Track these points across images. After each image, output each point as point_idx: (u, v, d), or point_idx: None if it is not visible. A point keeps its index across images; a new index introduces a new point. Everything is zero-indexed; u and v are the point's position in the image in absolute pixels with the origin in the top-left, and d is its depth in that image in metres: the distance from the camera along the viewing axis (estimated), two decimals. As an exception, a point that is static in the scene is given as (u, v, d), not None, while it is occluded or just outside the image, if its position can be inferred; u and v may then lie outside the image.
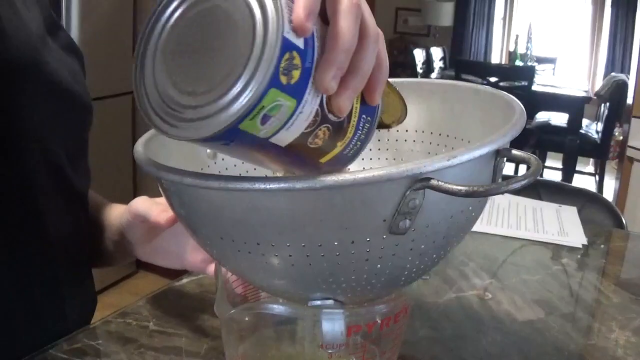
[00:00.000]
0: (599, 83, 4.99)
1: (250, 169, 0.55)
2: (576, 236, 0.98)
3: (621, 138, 3.35)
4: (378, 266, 0.41)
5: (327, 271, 0.40)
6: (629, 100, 3.06)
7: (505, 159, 0.41)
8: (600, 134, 3.90)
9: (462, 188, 0.35)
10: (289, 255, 0.40)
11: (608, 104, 3.90)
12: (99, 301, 0.74)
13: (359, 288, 0.43)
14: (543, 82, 4.41)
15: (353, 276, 0.41)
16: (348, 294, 0.44)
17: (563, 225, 1.02)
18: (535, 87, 4.07)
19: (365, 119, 0.41)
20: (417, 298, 0.75)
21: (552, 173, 4.15)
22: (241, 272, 0.47)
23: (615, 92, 3.83)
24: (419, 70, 4.82)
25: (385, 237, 0.38)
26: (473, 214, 0.44)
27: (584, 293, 0.81)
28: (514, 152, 0.40)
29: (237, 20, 0.33)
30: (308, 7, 0.32)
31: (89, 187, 0.71)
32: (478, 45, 5.62)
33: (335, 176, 0.35)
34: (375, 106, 0.41)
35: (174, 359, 0.60)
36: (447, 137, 0.57)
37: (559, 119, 4.06)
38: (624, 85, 3.73)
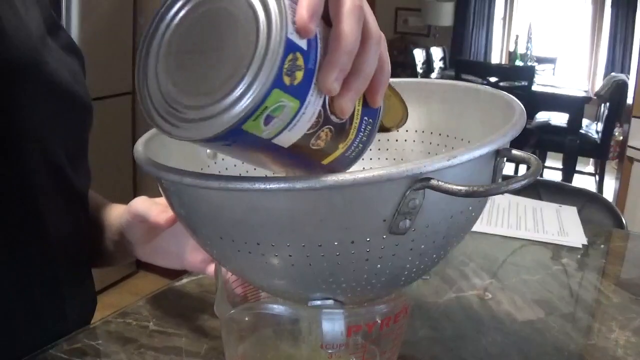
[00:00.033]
0: (599, 83, 4.99)
1: (250, 169, 0.55)
2: (576, 236, 0.98)
3: (621, 138, 3.35)
4: (378, 266, 0.41)
5: (327, 271, 0.40)
6: (629, 100, 3.06)
7: (505, 159, 0.41)
8: (600, 134, 3.90)
9: (462, 188, 0.36)
10: (289, 255, 0.40)
11: (608, 104, 3.90)
12: (99, 301, 0.74)
13: (359, 288, 0.43)
14: (543, 82, 4.41)
15: (353, 276, 0.41)
16: (348, 294, 0.44)
17: (563, 225, 1.02)
18: (535, 87, 4.07)
19: (367, 121, 0.41)
20: (417, 298, 0.75)
21: (552, 173, 4.15)
22: (241, 272, 0.47)
23: (615, 92, 3.83)
24: (419, 70, 4.82)
25: (385, 237, 0.38)
26: (473, 214, 0.44)
27: (584, 293, 0.81)
28: (514, 152, 0.40)
29: (241, 21, 0.33)
30: (311, 9, 0.32)
31: (89, 187, 0.71)
32: (478, 45, 5.62)
33: (335, 176, 0.35)
34: (377, 108, 0.41)
35: (174, 359, 0.60)
36: (447, 137, 0.57)
37: (559, 119, 4.06)
38: (624, 85, 3.74)
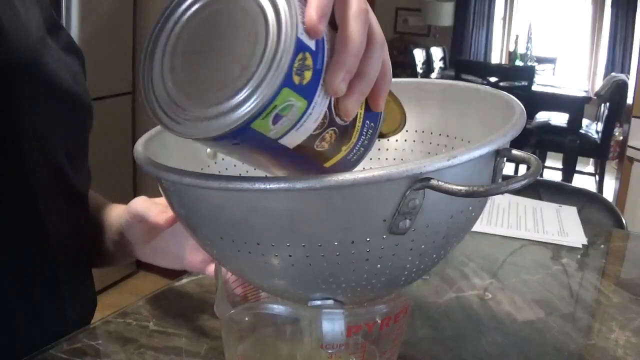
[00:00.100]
0: (599, 83, 4.99)
1: (251, 169, 0.55)
2: (576, 236, 0.98)
3: (621, 138, 3.35)
4: (378, 266, 0.41)
5: (327, 271, 0.40)
6: (629, 100, 3.06)
7: (505, 159, 0.41)
8: (600, 134, 3.90)
9: (462, 188, 0.36)
10: (289, 255, 0.40)
11: (608, 104, 3.90)
12: (99, 301, 0.74)
13: (359, 288, 0.43)
14: (543, 82, 4.42)
15: (353, 276, 0.41)
16: (348, 294, 0.44)
17: (563, 225, 1.02)
18: (535, 87, 4.07)
19: (369, 124, 0.41)
20: (417, 298, 0.75)
21: (552, 173, 4.15)
22: (241, 272, 0.47)
23: (615, 92, 3.83)
24: (419, 70, 4.82)
25: (385, 237, 0.38)
26: (473, 214, 0.44)
27: (584, 293, 0.81)
28: (514, 152, 0.40)
29: (249, 20, 0.33)
30: (321, 10, 0.33)
31: (89, 187, 0.71)
32: (478, 45, 5.62)
33: (335, 176, 0.35)
34: (379, 113, 0.42)
35: (174, 359, 0.60)
36: (447, 137, 0.57)
37: (559, 119, 4.06)
38: (624, 85, 3.74)
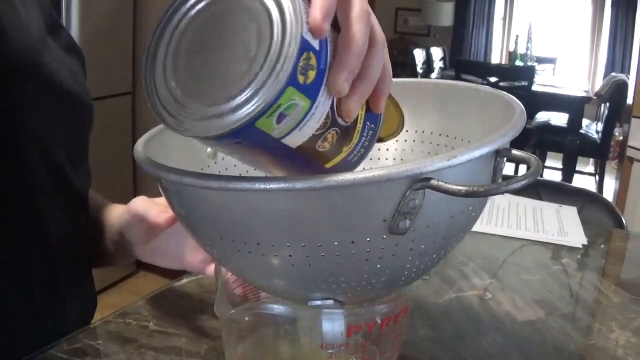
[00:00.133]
0: (599, 83, 4.99)
1: (251, 169, 0.55)
2: (576, 236, 0.98)
3: (621, 138, 3.35)
4: (378, 266, 0.41)
5: (327, 271, 0.40)
6: (629, 100, 3.06)
7: (505, 159, 0.41)
8: (600, 134, 3.90)
9: (462, 188, 0.36)
10: (289, 255, 0.40)
11: (608, 104, 3.90)
12: (99, 301, 0.74)
13: (359, 288, 0.43)
14: (543, 82, 4.41)
15: (353, 276, 0.41)
16: (348, 294, 0.44)
17: (563, 225, 1.02)
18: (535, 87, 4.07)
19: (369, 126, 0.42)
20: (417, 298, 0.75)
21: (552, 173, 4.15)
22: (241, 272, 0.47)
23: (615, 92, 3.83)
24: (419, 70, 4.82)
25: (385, 237, 0.38)
26: (473, 214, 0.44)
27: (584, 293, 0.81)
28: (514, 152, 0.40)
29: (254, 19, 0.33)
30: (325, 10, 0.33)
31: (89, 187, 0.71)
32: (478, 45, 5.62)
33: (335, 176, 0.35)
34: (379, 115, 0.42)
35: (174, 359, 0.60)
36: (447, 137, 0.57)
37: (559, 119, 4.06)
38: (624, 85, 3.74)
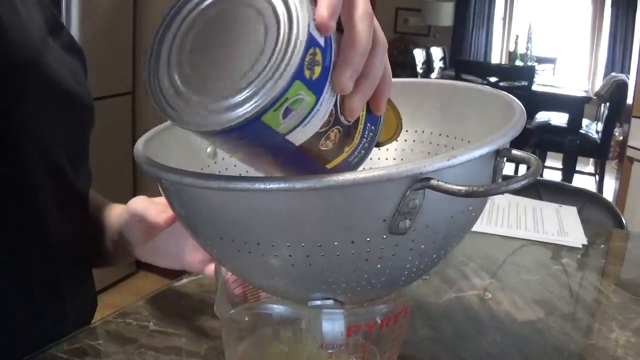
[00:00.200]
0: (599, 83, 4.99)
1: (251, 169, 0.55)
2: (576, 236, 0.98)
3: (621, 138, 3.35)
4: (378, 266, 0.41)
5: (327, 271, 0.40)
6: (629, 100, 3.06)
7: (505, 159, 0.41)
8: (600, 134, 3.90)
9: (462, 188, 0.36)
10: (289, 255, 0.40)
11: (608, 104, 3.90)
12: (99, 301, 0.74)
13: (359, 288, 0.43)
14: (543, 82, 4.42)
15: (353, 276, 0.41)
16: (348, 294, 0.44)
17: (563, 225, 1.02)
18: (535, 87, 4.07)
19: (370, 127, 0.42)
20: (417, 298, 0.75)
21: (552, 173, 4.15)
22: (241, 272, 0.47)
23: (615, 92, 3.83)
24: (419, 70, 4.82)
25: (385, 237, 0.38)
26: (473, 214, 0.44)
27: (584, 293, 0.81)
28: (514, 152, 0.40)
29: (259, 16, 0.34)
30: (331, 7, 0.34)
31: (89, 188, 0.71)
32: (478, 45, 5.62)
33: (335, 176, 0.35)
34: (379, 116, 0.43)
35: (174, 359, 0.60)
36: (447, 137, 0.57)
37: (559, 119, 4.06)
38: (624, 85, 3.74)
